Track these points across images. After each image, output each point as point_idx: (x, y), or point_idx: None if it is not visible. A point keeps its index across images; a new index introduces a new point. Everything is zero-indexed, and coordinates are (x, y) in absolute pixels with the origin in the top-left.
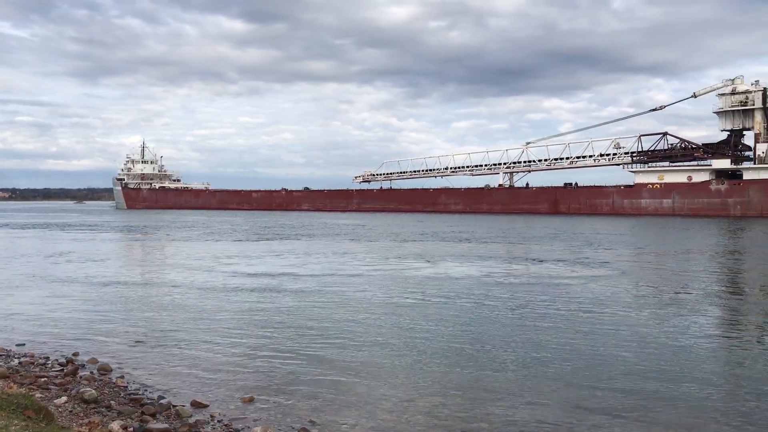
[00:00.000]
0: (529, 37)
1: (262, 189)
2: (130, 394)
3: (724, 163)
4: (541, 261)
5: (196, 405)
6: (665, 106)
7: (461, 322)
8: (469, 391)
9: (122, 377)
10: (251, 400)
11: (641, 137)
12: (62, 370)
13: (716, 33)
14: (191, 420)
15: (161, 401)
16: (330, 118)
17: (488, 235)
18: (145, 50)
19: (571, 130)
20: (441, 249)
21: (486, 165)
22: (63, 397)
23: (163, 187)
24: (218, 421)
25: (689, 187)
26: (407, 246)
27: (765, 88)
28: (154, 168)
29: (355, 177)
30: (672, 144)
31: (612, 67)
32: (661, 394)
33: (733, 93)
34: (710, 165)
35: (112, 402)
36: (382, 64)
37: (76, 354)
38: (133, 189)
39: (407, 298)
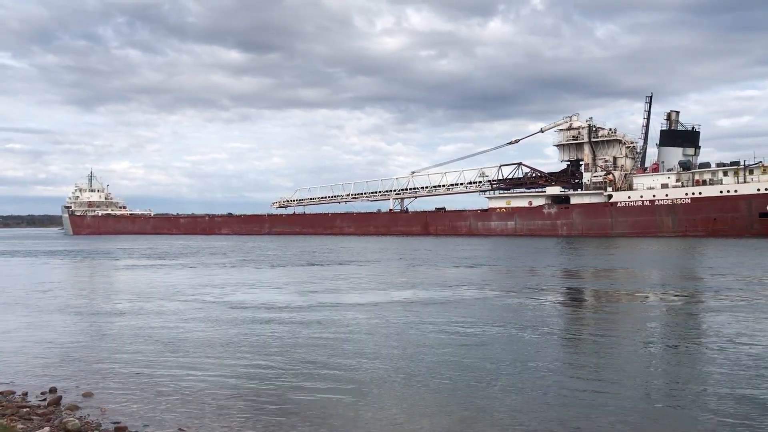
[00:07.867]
0: (515, 64)
1: (188, 214)
2: (114, 423)
3: (556, 190)
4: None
5: None
6: (520, 140)
7: (434, 344)
8: (461, 416)
9: (106, 406)
10: (238, 427)
11: (501, 167)
12: (45, 399)
13: (694, 60)
14: None
15: (146, 429)
16: (320, 142)
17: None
18: (140, 79)
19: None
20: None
21: (380, 191)
22: (46, 428)
23: (108, 214)
24: None
25: (528, 211)
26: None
27: (590, 125)
28: (100, 196)
29: (273, 203)
30: (525, 172)
31: (595, 92)
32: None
33: (569, 129)
34: (545, 191)
35: (96, 431)
36: (373, 91)
37: (58, 383)
38: (78, 216)
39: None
